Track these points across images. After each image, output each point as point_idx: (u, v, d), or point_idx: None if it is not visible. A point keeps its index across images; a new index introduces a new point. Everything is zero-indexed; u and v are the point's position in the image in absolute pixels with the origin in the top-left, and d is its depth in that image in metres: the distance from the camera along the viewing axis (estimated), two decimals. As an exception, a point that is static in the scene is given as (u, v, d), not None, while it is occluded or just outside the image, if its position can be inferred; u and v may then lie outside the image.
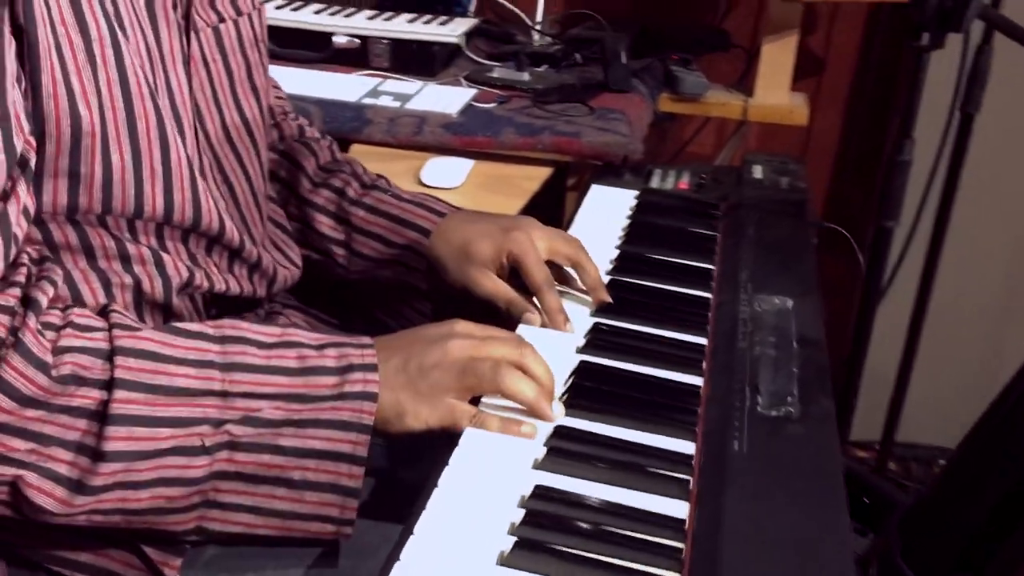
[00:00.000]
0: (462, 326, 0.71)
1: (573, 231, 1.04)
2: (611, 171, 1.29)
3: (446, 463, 0.64)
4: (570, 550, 0.57)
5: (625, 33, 1.74)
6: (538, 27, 1.75)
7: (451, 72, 1.62)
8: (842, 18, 1.85)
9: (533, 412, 0.69)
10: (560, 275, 0.89)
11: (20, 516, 0.63)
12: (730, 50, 1.74)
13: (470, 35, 1.71)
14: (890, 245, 1.42)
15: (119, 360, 0.61)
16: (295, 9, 1.67)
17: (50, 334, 0.62)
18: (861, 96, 1.90)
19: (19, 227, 0.63)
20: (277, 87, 1.06)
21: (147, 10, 0.73)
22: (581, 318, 0.84)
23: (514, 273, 0.86)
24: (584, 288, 0.88)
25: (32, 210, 0.65)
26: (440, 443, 0.67)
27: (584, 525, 0.59)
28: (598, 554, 0.57)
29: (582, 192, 1.19)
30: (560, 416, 0.69)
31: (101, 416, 0.61)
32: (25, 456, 0.60)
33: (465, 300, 0.87)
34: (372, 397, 0.65)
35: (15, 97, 0.61)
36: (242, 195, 0.85)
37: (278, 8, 1.67)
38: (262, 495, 0.65)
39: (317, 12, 1.66)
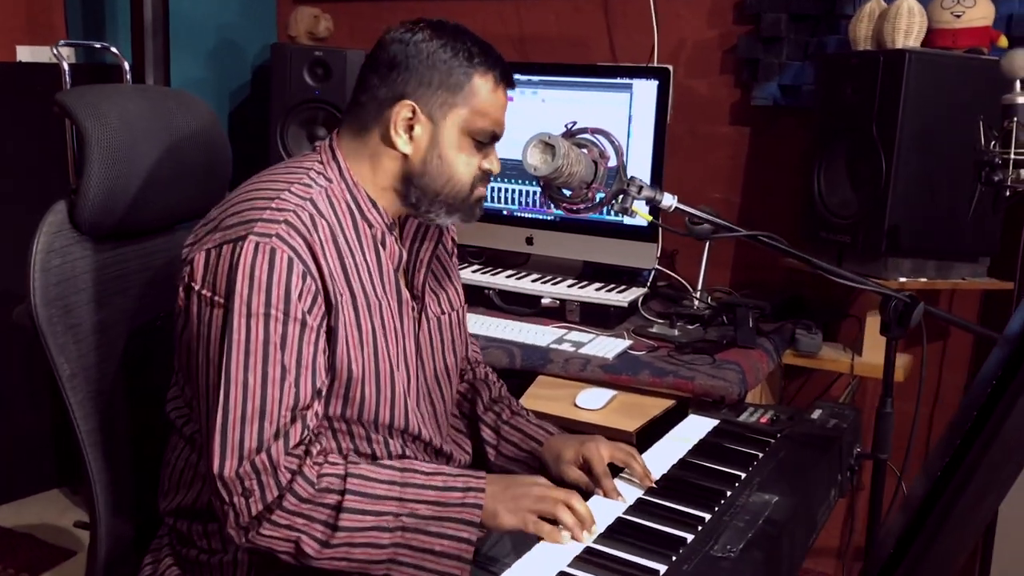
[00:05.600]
0: (542, 479, 1.25)
1: (662, 442, 1.55)
2: (714, 405, 1.78)
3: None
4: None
5: (767, 302, 2.26)
6: (697, 295, 2.30)
7: (624, 326, 2.19)
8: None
9: (572, 533, 1.19)
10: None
11: (295, 562, 1.21)
12: (848, 319, 2.20)
13: (646, 298, 2.30)
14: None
15: (349, 479, 1.20)
16: (519, 279, 2.34)
17: (316, 467, 1.21)
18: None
19: (312, 421, 1.23)
20: (475, 344, 1.68)
21: (399, 312, 1.35)
22: (631, 495, 1.34)
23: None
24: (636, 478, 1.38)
25: (320, 413, 1.26)
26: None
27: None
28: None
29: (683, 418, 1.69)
30: (588, 540, 1.19)
31: (338, 508, 1.19)
32: (302, 527, 1.19)
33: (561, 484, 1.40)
34: (480, 507, 1.20)
35: (321, 363, 1.24)
36: (439, 411, 1.45)
37: (507, 277, 2.35)
38: (419, 557, 1.20)
39: (534, 280, 2.32)
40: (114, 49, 2.57)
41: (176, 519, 1.36)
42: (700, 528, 1.24)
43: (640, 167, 2.24)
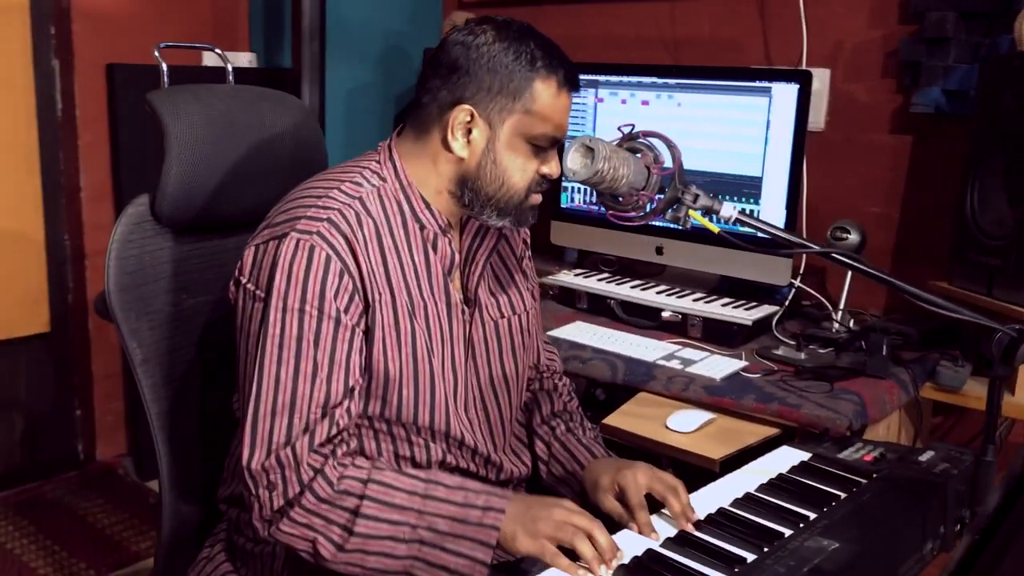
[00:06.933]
0: (567, 502, 1.18)
1: (736, 473, 1.43)
2: (816, 438, 1.62)
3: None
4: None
5: (917, 328, 2.04)
6: (837, 317, 2.11)
7: (750, 345, 2.05)
8: None
9: (589, 565, 1.12)
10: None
11: (313, 562, 1.21)
12: (1005, 352, 1.94)
13: (783, 318, 2.14)
14: None
15: (370, 485, 1.19)
16: (643, 290, 2.24)
17: (340, 468, 1.20)
18: None
19: (341, 420, 1.22)
20: (552, 351, 1.62)
21: (447, 315, 1.33)
22: (667, 531, 1.24)
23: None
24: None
25: (354, 412, 1.24)
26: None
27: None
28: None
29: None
30: (606, 574, 1.11)
31: (355, 512, 1.17)
32: (320, 527, 1.18)
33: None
34: (497, 528, 1.14)
35: (356, 361, 1.23)
36: (494, 418, 1.40)
37: (632, 287, 2.26)
38: (435, 573, 1.16)
39: (659, 292, 2.22)
40: (218, 51, 2.69)
41: (230, 507, 1.39)
42: (737, 570, 1.13)
43: (777, 175, 2.09)
